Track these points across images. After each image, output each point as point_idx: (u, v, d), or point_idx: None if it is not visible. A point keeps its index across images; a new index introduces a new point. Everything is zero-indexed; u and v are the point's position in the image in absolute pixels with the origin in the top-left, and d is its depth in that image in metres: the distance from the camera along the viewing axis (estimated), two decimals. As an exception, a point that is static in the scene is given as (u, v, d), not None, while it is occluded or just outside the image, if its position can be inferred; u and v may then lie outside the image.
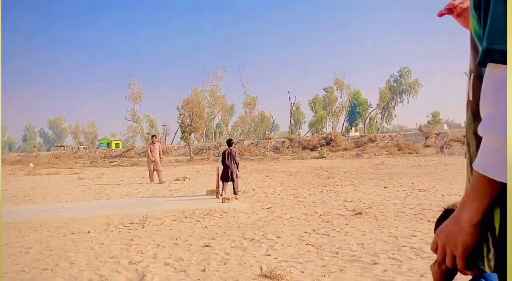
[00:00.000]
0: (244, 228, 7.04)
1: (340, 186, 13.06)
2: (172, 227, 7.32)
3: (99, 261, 5.12)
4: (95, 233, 7.09)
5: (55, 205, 10.86)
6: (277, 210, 8.87)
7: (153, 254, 5.40)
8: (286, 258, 4.97)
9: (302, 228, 6.86)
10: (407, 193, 10.74)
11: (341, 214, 8.11)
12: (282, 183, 14.48)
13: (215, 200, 10.65)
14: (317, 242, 5.76)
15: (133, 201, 11.14)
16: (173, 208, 9.34)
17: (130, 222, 7.97)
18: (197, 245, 5.83)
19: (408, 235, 5.96)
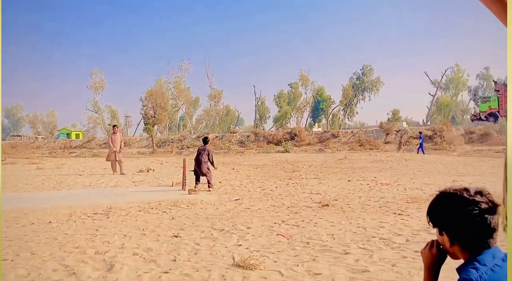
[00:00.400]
0: (213, 219, 6.96)
1: (306, 179, 13.17)
2: (138, 218, 7.15)
3: (63, 251, 4.93)
4: (57, 223, 6.83)
5: (12, 195, 10.40)
6: (245, 202, 8.83)
7: (120, 244, 5.25)
8: (258, 248, 4.94)
9: (272, 219, 6.85)
10: (370, 187, 10.95)
11: (309, 206, 8.17)
12: (248, 176, 14.47)
13: (181, 191, 10.51)
14: (287, 233, 5.77)
15: (96, 191, 10.82)
16: (138, 199, 9.14)
17: (94, 212, 7.72)
18: (166, 236, 5.71)
19: (376, 226, 6.06)
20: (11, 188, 12.13)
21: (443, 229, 1.47)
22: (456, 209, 1.42)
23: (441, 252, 1.55)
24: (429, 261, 1.58)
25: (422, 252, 1.62)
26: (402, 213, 7.13)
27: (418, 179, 12.36)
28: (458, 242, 1.43)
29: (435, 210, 1.51)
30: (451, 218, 1.43)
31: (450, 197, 1.46)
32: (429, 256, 1.58)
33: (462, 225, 1.39)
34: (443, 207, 1.47)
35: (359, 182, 11.98)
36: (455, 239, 1.44)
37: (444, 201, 1.48)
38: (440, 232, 1.49)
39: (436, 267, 1.58)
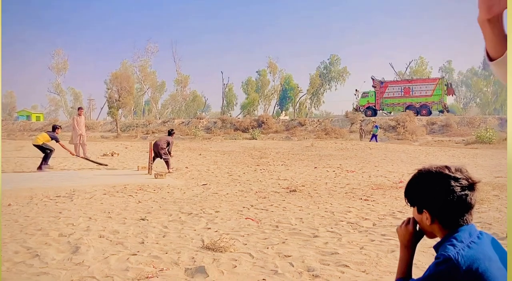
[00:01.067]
0: (180, 203, 6.88)
1: (273, 165, 13.23)
2: (103, 201, 6.98)
3: (25, 234, 4.75)
4: (18, 206, 6.57)
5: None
6: (213, 187, 8.78)
7: (86, 226, 5.10)
8: (227, 231, 4.92)
9: (240, 203, 6.84)
10: (336, 174, 11.11)
11: (276, 191, 8.21)
12: (216, 162, 14.39)
13: (147, 175, 10.34)
14: (256, 217, 5.77)
15: (58, 174, 10.50)
16: (103, 183, 8.94)
17: (57, 195, 7.49)
18: (132, 219, 5.60)
19: (344, 211, 6.15)
20: (-34, 169, 11.60)
21: (424, 207, 1.48)
22: (438, 186, 1.42)
23: (417, 230, 1.57)
24: (405, 239, 1.60)
25: (398, 230, 1.63)
26: (368, 199, 7.27)
27: (382, 167, 12.64)
28: (438, 219, 1.44)
29: (415, 188, 1.52)
30: (433, 195, 1.43)
31: (431, 174, 1.47)
32: (405, 234, 1.59)
33: (444, 202, 1.40)
34: (424, 184, 1.47)
35: (325, 169, 12.13)
36: (435, 217, 1.45)
37: (426, 178, 1.48)
38: (420, 210, 1.50)
39: (412, 244, 1.59)
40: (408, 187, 1.55)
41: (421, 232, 1.56)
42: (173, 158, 12.54)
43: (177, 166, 12.63)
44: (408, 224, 1.58)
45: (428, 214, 1.46)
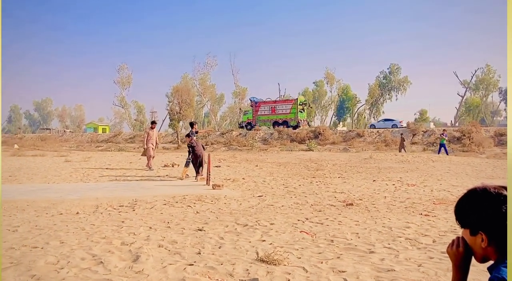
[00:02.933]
0: (236, 214, 6.99)
1: (330, 178, 13.07)
2: (163, 211, 7.24)
3: (91, 241, 5.03)
4: (84, 214, 6.98)
5: (42, 186, 10.68)
6: (268, 198, 8.83)
7: (146, 236, 5.32)
8: (281, 244, 4.93)
9: (295, 216, 6.83)
10: (396, 187, 10.79)
11: (333, 204, 8.11)
12: (272, 173, 14.45)
13: (205, 186, 10.58)
14: (311, 230, 5.74)
15: (122, 184, 11.01)
16: (163, 193, 9.26)
17: (120, 205, 7.86)
18: (190, 229, 5.76)
19: (402, 227, 5.97)
20: (41, 179, 12.46)
21: (480, 229, 1.42)
22: (499, 209, 1.36)
23: (468, 251, 1.51)
24: (457, 260, 1.54)
25: (449, 251, 1.57)
26: (429, 214, 7.00)
27: (446, 181, 12.11)
28: (496, 242, 1.38)
29: (471, 209, 1.45)
30: (493, 218, 1.37)
31: (490, 196, 1.40)
32: (456, 255, 1.53)
33: (505, 225, 1.33)
34: (482, 206, 1.41)
35: (385, 183, 11.82)
36: (493, 240, 1.39)
37: (483, 199, 1.41)
38: (474, 232, 1.44)
39: (465, 265, 1.53)
40: (460, 207, 1.50)
41: (471, 253, 1.50)
42: (229, 168, 12.91)
43: (234, 177, 12.83)
44: (459, 245, 1.52)
45: (485, 236, 1.40)
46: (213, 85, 76.77)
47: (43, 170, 15.32)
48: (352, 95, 76.11)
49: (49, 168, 15.98)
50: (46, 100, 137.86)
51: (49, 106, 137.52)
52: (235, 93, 76.70)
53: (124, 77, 77.93)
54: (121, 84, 78.17)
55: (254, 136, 40.49)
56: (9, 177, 12.84)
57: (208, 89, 74.74)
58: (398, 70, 76.61)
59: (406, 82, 75.81)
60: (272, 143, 37.30)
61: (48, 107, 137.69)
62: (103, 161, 19.99)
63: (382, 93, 75.89)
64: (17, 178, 12.59)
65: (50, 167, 16.67)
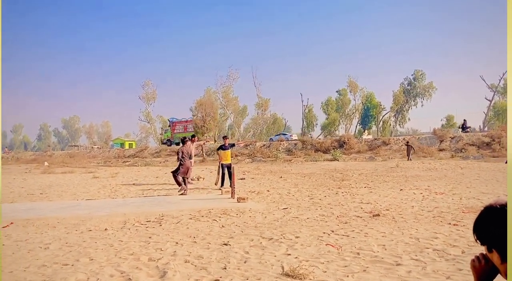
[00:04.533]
0: (261, 227, 7.00)
1: (356, 188, 12.94)
2: (189, 226, 7.31)
3: (119, 258, 5.13)
4: (113, 230, 7.11)
5: (71, 203, 10.94)
6: (293, 211, 8.81)
7: (173, 251, 5.39)
8: (307, 258, 4.92)
9: (320, 228, 6.79)
10: (424, 196, 10.60)
11: (359, 216, 8.03)
12: (296, 185, 14.41)
13: (230, 199, 10.63)
14: (337, 243, 5.70)
15: (148, 200, 11.17)
16: (189, 207, 9.34)
17: (147, 220, 7.98)
18: (216, 244, 5.80)
19: (430, 237, 5.86)
20: (70, 196, 12.76)
21: (493, 247, 1.40)
22: (505, 226, 1.34)
23: (492, 267, 1.48)
24: (478, 275, 1.51)
25: (472, 265, 1.55)
26: (458, 224, 6.85)
27: (475, 188, 11.83)
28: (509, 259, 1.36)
29: (483, 227, 1.43)
30: (501, 235, 1.36)
31: (498, 212, 1.39)
32: (478, 270, 1.51)
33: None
34: (491, 224, 1.39)
35: (412, 191, 11.63)
36: (506, 257, 1.36)
37: (492, 217, 1.40)
38: (489, 249, 1.42)
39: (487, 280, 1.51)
40: (475, 225, 1.48)
41: (496, 270, 1.48)
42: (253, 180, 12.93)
43: (259, 190, 12.85)
44: (480, 261, 1.50)
45: (498, 254, 1.38)
46: (236, 97, 77.09)
47: (72, 187, 15.69)
48: (376, 103, 75.28)
49: (78, 185, 16.35)
50: (73, 117, 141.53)
51: (76, 123, 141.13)
52: (258, 105, 76.82)
53: (149, 92, 79.06)
54: (146, 100, 79.33)
55: (278, 146, 40.43)
56: (40, 195, 13.20)
57: (231, 102, 75.08)
58: (423, 76, 75.49)
59: (431, 88, 74.58)
60: (296, 153, 37.16)
61: (75, 124, 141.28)
62: (130, 176, 20.33)
63: (407, 99, 74.82)
64: (48, 196, 12.94)
65: (79, 183, 17.05)
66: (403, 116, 76.58)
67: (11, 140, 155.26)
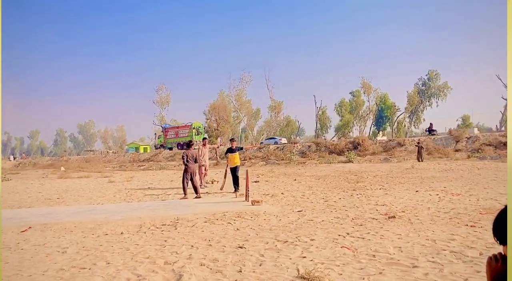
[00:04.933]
0: (276, 230, 7.00)
1: (371, 190, 12.85)
2: (204, 229, 7.34)
3: (135, 261, 5.18)
4: (129, 234, 7.18)
5: (88, 207, 11.07)
6: (308, 213, 8.78)
7: (188, 254, 5.42)
8: (322, 261, 4.90)
9: (336, 231, 6.76)
10: (440, 197, 10.48)
11: (374, 218, 7.97)
12: (311, 187, 14.37)
13: (245, 202, 10.64)
14: (352, 245, 5.67)
15: (163, 203, 11.24)
16: (204, 210, 9.38)
17: (162, 223, 8.03)
18: (231, 247, 5.82)
19: (447, 239, 5.80)
20: (86, 200, 12.92)
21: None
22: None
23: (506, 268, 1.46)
24: (492, 273, 1.50)
25: (487, 264, 1.53)
26: (475, 225, 6.76)
27: (493, 189, 11.66)
28: None
29: (501, 227, 1.42)
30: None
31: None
32: (493, 269, 1.49)
33: None
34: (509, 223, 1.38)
35: (428, 193, 11.51)
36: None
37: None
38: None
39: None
40: (496, 224, 1.47)
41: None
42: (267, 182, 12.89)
43: (273, 192, 12.84)
44: (497, 261, 1.48)
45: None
46: (249, 100, 77.26)
47: (88, 191, 15.87)
48: (390, 104, 74.76)
49: (94, 189, 16.54)
50: (89, 122, 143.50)
51: (92, 128, 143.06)
52: (271, 107, 76.88)
53: (163, 97, 79.77)
54: (160, 104, 79.99)
55: (292, 149, 40.35)
56: (57, 200, 13.38)
57: (244, 105, 75.28)
58: (437, 76, 74.78)
59: (446, 88, 73.83)
60: (310, 155, 37.03)
61: (91, 129, 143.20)
62: (145, 180, 20.49)
63: (421, 100, 74.16)
64: (65, 200, 13.11)
65: (95, 188, 17.24)
66: (418, 116, 75.93)
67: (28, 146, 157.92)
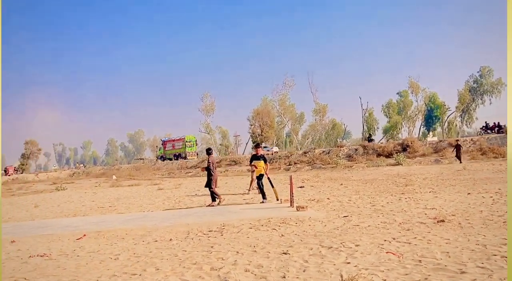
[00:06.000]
0: (321, 236, 6.99)
1: (420, 193, 12.52)
2: (250, 235, 7.45)
3: (183, 267, 5.35)
4: (177, 240, 7.41)
5: (138, 214, 11.49)
6: (354, 218, 8.69)
7: (233, 260, 5.53)
8: (366, 266, 4.86)
9: (381, 236, 6.67)
10: (494, 200, 10.06)
11: (422, 222, 7.78)
12: (358, 192, 14.18)
13: (290, 208, 10.66)
14: (398, 251, 5.58)
15: (210, 210, 11.47)
16: (249, 217, 9.50)
17: (209, 230, 8.22)
18: (275, 253, 5.88)
19: (498, 244, 5.58)
20: (137, 208, 13.40)
21: None
22: None
23: None
24: None
25: None
26: (531, 229, 6.46)
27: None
28: None
29: None
30: None
31: None
32: None
33: None
34: None
35: (481, 195, 11.08)
36: None
37: None
38: None
39: None
40: None
41: None
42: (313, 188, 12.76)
43: (319, 198, 12.79)
44: None
45: None
46: (292, 104, 77.11)
47: (138, 199, 16.45)
48: (440, 103, 72.39)
49: (144, 197, 17.12)
50: (138, 132, 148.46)
51: (141, 137, 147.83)
52: (315, 111, 76.34)
53: (208, 104, 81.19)
54: (205, 112, 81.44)
55: (338, 152, 39.87)
56: (109, 208, 13.97)
57: (288, 109, 75.14)
58: (490, 72, 71.70)
59: (499, 84, 70.59)
60: (357, 159, 36.45)
61: (140, 138, 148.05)
62: (193, 187, 20.95)
63: (473, 98, 71.31)
64: (117, 208, 13.66)
65: (145, 195, 17.84)
66: (470, 115, 73.06)
67: (82, 156, 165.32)
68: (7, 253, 7.16)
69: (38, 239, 8.37)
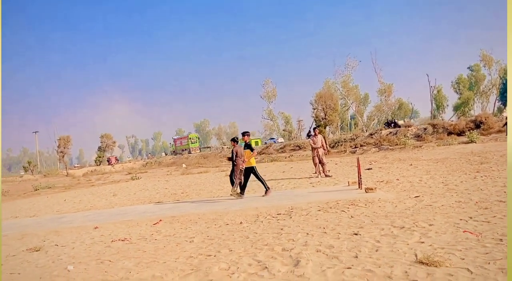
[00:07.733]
0: (392, 216, 6.86)
1: (497, 171, 11.84)
2: (318, 217, 7.47)
3: (255, 248, 5.49)
4: (247, 223, 7.60)
5: (208, 199, 11.87)
6: (426, 198, 8.42)
7: (304, 242, 5.59)
8: (442, 245, 4.73)
9: (457, 215, 6.43)
10: None
11: (502, 200, 7.39)
12: (428, 171, 13.66)
13: (358, 190, 10.52)
14: (476, 230, 5.36)
15: (277, 194, 11.60)
16: (317, 199, 9.49)
17: (278, 213, 8.34)
18: (346, 234, 5.86)
19: None
20: (207, 193, 13.86)
21: None
22: None
23: None
24: None
25: None
26: None
27: None
28: None
29: None
30: None
31: None
32: None
33: None
34: None
35: None
36: None
37: None
38: None
39: None
40: None
41: None
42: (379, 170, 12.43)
43: (388, 179, 12.50)
44: None
45: None
46: (356, 86, 75.16)
47: (208, 185, 16.98)
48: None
49: (212, 183, 17.65)
50: (204, 121, 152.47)
51: (207, 126, 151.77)
52: (380, 91, 73.97)
53: (269, 91, 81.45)
54: (267, 98, 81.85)
55: (406, 133, 38.54)
56: (181, 194, 14.56)
57: (352, 91, 73.32)
58: None
59: None
60: (426, 138, 35.06)
61: (206, 128, 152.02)
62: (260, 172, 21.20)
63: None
64: (188, 194, 14.20)
65: (213, 182, 18.38)
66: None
67: (153, 147, 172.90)
68: (92, 238, 7.73)
69: (118, 225, 8.93)
